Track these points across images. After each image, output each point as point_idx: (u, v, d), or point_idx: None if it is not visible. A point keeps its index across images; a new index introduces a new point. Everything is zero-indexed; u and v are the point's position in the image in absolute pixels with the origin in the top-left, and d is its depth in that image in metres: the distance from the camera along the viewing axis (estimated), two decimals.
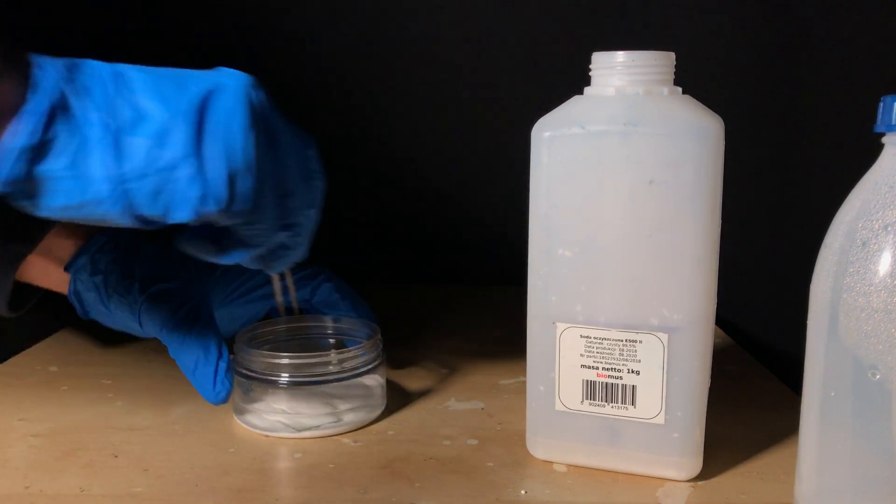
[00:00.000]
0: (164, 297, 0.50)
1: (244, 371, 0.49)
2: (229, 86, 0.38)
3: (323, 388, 0.49)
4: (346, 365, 0.49)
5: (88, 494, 0.41)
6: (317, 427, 0.48)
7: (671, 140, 0.39)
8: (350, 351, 0.49)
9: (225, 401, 0.48)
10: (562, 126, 0.41)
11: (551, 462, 0.45)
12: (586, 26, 0.79)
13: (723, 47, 0.78)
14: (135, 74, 0.38)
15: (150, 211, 0.36)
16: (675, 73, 0.41)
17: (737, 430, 0.49)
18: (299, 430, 0.48)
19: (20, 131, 0.34)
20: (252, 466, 0.45)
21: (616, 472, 0.44)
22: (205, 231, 0.43)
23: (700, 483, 0.43)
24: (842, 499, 0.35)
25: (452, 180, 0.85)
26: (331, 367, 0.49)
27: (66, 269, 0.53)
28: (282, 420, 0.48)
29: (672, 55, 0.40)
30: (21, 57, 0.36)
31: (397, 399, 0.54)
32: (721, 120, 0.39)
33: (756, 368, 0.61)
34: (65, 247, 0.54)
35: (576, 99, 0.42)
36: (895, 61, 0.74)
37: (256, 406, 0.49)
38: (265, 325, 0.55)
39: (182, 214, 0.37)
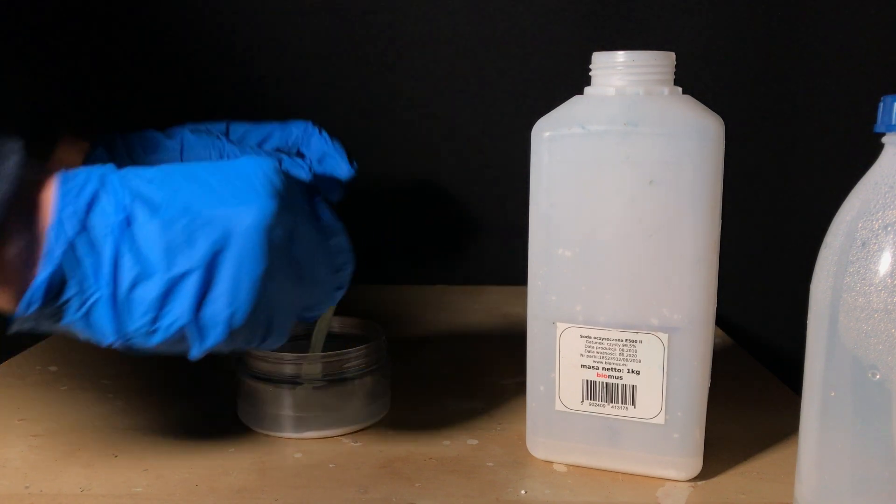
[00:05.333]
0: None
1: (247, 371, 0.49)
2: (242, 233, 0.37)
3: (325, 388, 0.49)
4: (349, 366, 0.49)
5: (88, 494, 0.41)
6: (319, 428, 0.48)
7: (671, 140, 0.39)
8: (353, 352, 0.49)
9: None
10: (562, 126, 0.41)
11: (551, 462, 0.45)
12: (586, 26, 0.79)
13: (723, 47, 0.78)
14: (143, 224, 0.36)
15: (160, 349, 0.38)
16: (675, 73, 0.41)
17: (737, 430, 0.49)
18: (301, 431, 0.48)
19: (31, 298, 0.35)
20: (252, 466, 0.45)
21: (616, 472, 0.44)
22: None
23: (700, 483, 0.43)
24: (842, 499, 0.35)
25: (453, 180, 0.85)
26: (334, 368, 0.49)
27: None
28: (284, 421, 0.48)
29: (672, 55, 0.40)
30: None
31: (398, 399, 0.54)
32: (721, 120, 0.39)
33: (756, 368, 0.61)
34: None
35: (576, 99, 0.42)
36: (895, 61, 0.74)
37: (259, 406, 0.49)
38: None
39: (191, 353, 0.38)
